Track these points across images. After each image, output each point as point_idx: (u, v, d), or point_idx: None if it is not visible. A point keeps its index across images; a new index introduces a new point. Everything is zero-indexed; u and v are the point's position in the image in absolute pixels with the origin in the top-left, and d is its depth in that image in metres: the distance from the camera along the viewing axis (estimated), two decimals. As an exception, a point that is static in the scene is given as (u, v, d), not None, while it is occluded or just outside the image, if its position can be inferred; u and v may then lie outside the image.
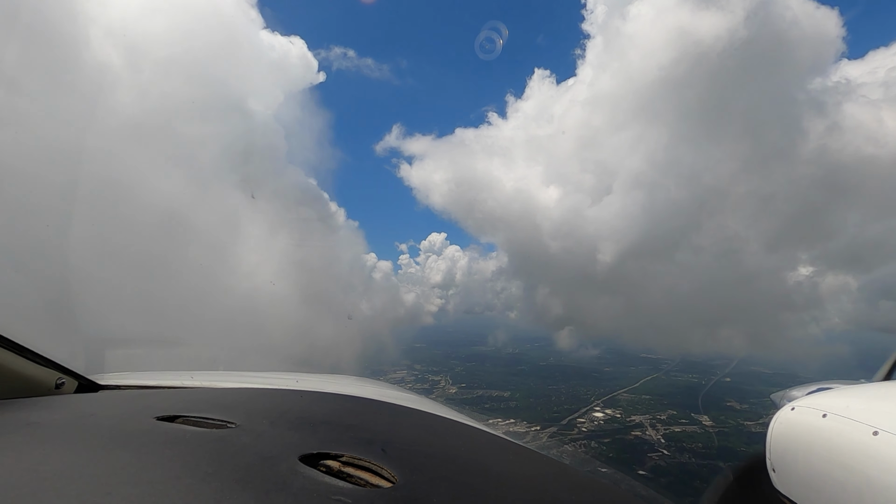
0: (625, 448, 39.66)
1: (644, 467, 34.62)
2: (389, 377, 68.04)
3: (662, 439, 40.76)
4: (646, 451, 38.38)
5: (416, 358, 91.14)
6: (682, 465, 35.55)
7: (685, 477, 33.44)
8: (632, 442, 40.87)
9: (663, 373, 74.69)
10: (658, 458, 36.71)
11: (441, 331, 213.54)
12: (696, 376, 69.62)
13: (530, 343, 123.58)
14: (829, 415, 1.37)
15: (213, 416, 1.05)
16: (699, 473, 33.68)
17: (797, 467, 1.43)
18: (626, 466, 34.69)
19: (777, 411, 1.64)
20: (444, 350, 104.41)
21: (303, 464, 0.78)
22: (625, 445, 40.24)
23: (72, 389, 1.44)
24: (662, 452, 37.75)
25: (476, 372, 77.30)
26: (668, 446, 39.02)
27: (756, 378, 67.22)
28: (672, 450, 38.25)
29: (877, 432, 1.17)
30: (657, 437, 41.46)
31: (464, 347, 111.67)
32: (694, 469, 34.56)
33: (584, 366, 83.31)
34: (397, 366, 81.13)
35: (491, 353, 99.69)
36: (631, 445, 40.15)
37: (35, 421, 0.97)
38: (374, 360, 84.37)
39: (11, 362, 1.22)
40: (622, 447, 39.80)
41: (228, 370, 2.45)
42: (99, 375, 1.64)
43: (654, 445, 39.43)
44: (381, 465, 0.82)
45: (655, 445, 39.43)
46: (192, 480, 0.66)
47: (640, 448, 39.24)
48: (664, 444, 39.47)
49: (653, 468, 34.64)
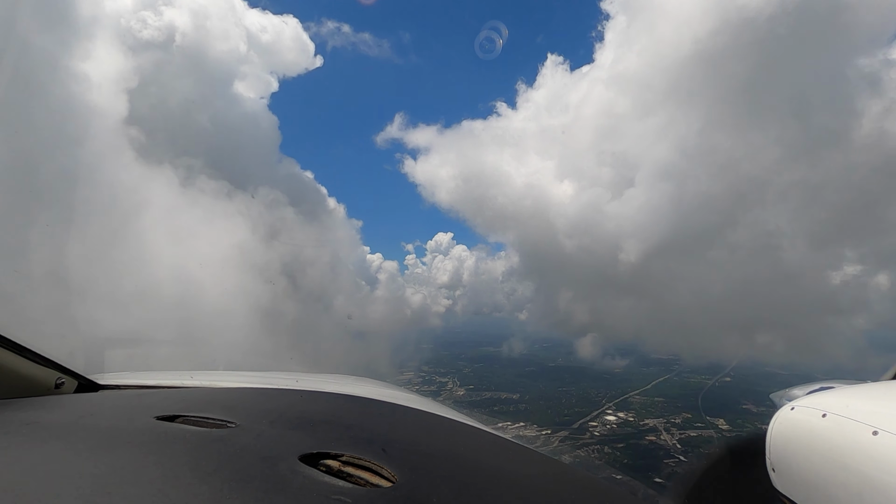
0: (640, 454, 38.49)
1: (661, 475, 33.52)
2: (396, 379, 67.51)
3: (678, 444, 39.52)
4: (661, 457, 37.21)
5: (423, 359, 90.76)
6: (701, 472, 34.34)
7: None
8: (647, 447, 39.69)
9: (675, 374, 73.20)
10: (675, 464, 35.52)
11: (448, 332, 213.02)
12: (709, 378, 68.08)
13: (539, 344, 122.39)
14: (828, 415, 1.37)
15: (213, 416, 1.06)
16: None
17: (797, 467, 1.44)
18: (641, 473, 33.65)
19: (777, 411, 1.65)
20: (451, 351, 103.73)
21: (303, 463, 0.79)
22: (640, 451, 39.05)
23: (71, 389, 1.45)
24: (679, 459, 36.54)
25: (484, 373, 76.48)
26: (684, 452, 37.78)
27: (772, 380, 65.51)
28: (689, 455, 37.06)
29: (877, 432, 1.17)
30: (673, 442, 40.25)
31: (471, 348, 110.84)
32: (713, 477, 33.39)
33: (593, 367, 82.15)
34: (404, 367, 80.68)
35: (499, 355, 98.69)
36: (646, 451, 38.96)
37: (35, 421, 0.98)
38: (379, 362, 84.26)
39: (11, 362, 1.23)
40: (637, 453, 38.62)
41: (228, 370, 2.46)
42: (99, 375, 1.64)
43: (669, 451, 38.24)
44: (381, 464, 0.83)
45: (671, 451, 38.22)
46: (192, 480, 0.67)
47: (656, 454, 38.08)
48: (680, 450, 38.22)
49: (670, 475, 33.50)
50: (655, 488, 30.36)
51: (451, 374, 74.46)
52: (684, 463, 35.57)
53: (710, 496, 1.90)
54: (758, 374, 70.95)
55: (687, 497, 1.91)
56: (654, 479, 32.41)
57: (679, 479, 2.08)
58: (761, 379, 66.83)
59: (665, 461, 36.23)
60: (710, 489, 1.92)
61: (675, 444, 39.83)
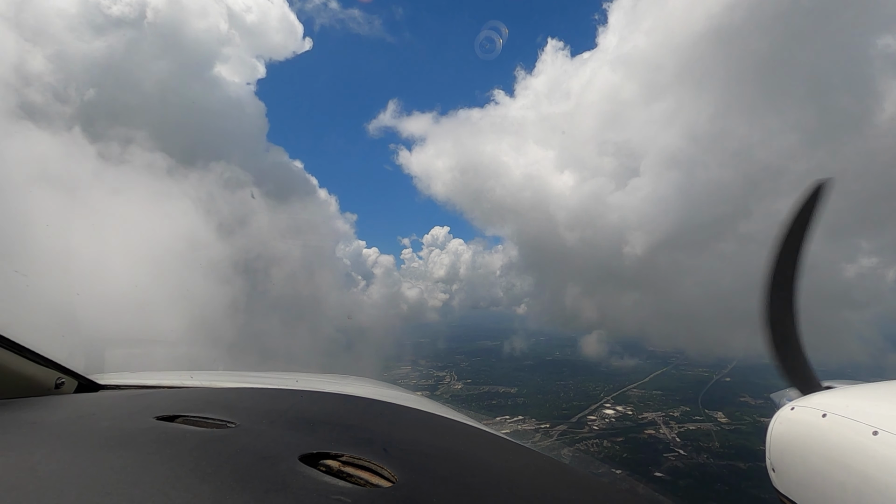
0: (639, 448, 38.28)
1: (660, 469, 33.33)
2: (393, 373, 67.25)
3: (678, 438, 39.40)
4: (661, 450, 37.02)
5: (420, 353, 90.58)
6: (701, 466, 34.14)
7: (705, 479, 32.14)
8: (646, 441, 39.50)
9: (672, 367, 73.33)
10: (675, 458, 35.35)
11: (446, 326, 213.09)
12: (706, 370, 68.19)
13: (537, 338, 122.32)
14: (828, 415, 1.37)
15: (213, 416, 1.06)
16: (720, 475, 32.35)
17: (797, 467, 1.44)
18: (641, 468, 33.46)
19: (777, 411, 1.65)
20: (448, 345, 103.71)
21: (302, 463, 0.79)
22: (639, 445, 38.85)
23: (71, 389, 1.45)
24: (679, 452, 36.40)
25: (481, 367, 76.30)
26: (683, 445, 37.67)
27: (769, 372, 65.55)
28: (689, 449, 36.89)
29: (877, 432, 1.17)
30: (672, 435, 40.11)
31: (468, 342, 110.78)
32: (713, 471, 33.21)
33: (591, 360, 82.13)
34: (401, 361, 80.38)
35: (496, 348, 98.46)
36: (645, 445, 38.77)
37: (35, 421, 0.98)
38: (377, 357, 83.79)
39: (11, 362, 1.23)
40: (636, 447, 38.41)
41: (228, 370, 2.46)
42: (99, 375, 1.64)
43: (669, 445, 38.08)
44: (381, 464, 0.83)
45: (671, 445, 38.07)
46: (192, 480, 0.67)
47: (655, 447, 37.89)
48: (679, 444, 38.11)
49: (670, 469, 33.30)
50: (655, 482, 30.11)
51: (448, 367, 74.21)
52: (684, 457, 35.41)
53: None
54: (752, 367, 71.07)
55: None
56: (654, 474, 32.21)
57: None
58: (760, 371, 67.11)
59: (665, 455, 36.02)
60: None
61: (675, 437, 39.67)
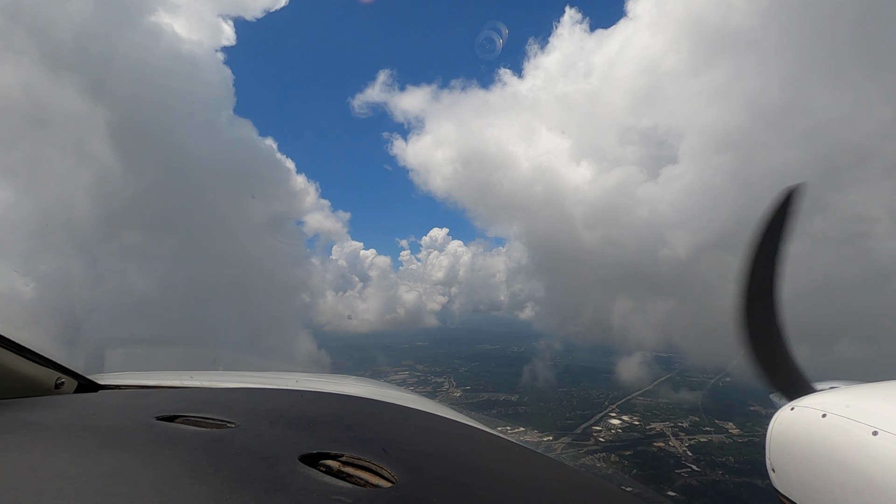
0: (649, 462, 36.16)
1: (673, 486, 31.24)
2: (390, 378, 65.14)
3: (689, 451, 37.27)
4: (672, 466, 34.94)
5: (418, 357, 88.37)
6: (716, 483, 32.07)
7: (722, 500, 30.10)
8: (655, 455, 37.37)
9: (676, 373, 71.32)
10: (688, 475, 33.24)
11: (445, 330, 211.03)
12: (712, 377, 66.27)
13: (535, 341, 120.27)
14: (828, 415, 1.37)
15: (213, 416, 1.07)
16: (738, 495, 30.28)
17: (797, 467, 1.45)
18: (653, 486, 31.35)
19: (777, 411, 1.65)
20: (447, 349, 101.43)
21: (302, 464, 0.79)
22: (648, 459, 36.72)
23: (71, 389, 1.45)
24: (691, 468, 34.29)
25: (481, 373, 74.13)
26: (696, 460, 35.56)
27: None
28: (702, 464, 34.77)
29: (877, 432, 1.18)
30: (682, 448, 38.02)
31: (467, 346, 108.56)
32: (730, 489, 31.14)
33: (593, 365, 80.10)
34: (398, 366, 78.18)
35: (495, 352, 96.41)
36: (655, 459, 36.64)
37: (35, 421, 0.99)
38: (373, 361, 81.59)
39: (11, 362, 1.23)
40: (646, 461, 36.28)
41: (228, 370, 2.47)
42: (98, 375, 1.64)
43: (680, 459, 35.96)
44: (381, 465, 0.84)
45: (682, 459, 35.95)
46: (191, 480, 0.67)
47: (666, 462, 35.80)
48: (692, 458, 35.99)
49: (683, 488, 31.23)
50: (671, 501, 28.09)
51: (447, 373, 72.03)
52: (697, 473, 33.36)
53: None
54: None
55: None
56: (667, 492, 30.14)
57: None
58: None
59: (677, 471, 33.94)
60: None
61: (686, 451, 37.55)
